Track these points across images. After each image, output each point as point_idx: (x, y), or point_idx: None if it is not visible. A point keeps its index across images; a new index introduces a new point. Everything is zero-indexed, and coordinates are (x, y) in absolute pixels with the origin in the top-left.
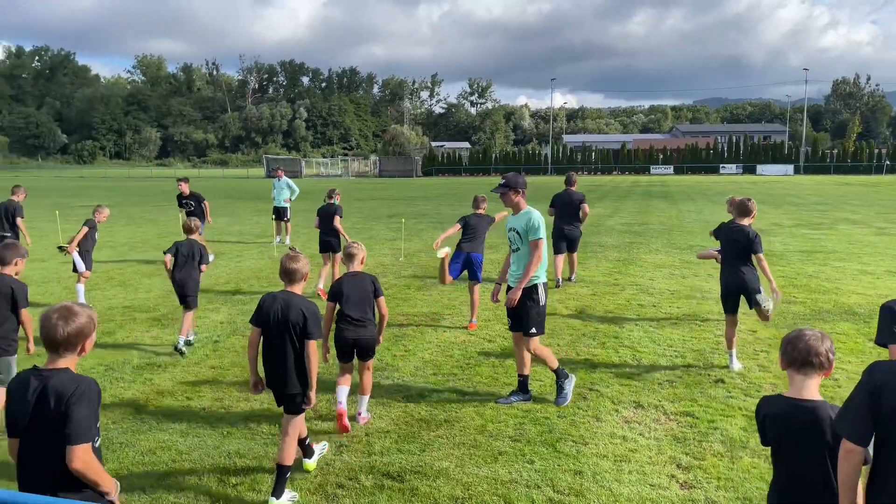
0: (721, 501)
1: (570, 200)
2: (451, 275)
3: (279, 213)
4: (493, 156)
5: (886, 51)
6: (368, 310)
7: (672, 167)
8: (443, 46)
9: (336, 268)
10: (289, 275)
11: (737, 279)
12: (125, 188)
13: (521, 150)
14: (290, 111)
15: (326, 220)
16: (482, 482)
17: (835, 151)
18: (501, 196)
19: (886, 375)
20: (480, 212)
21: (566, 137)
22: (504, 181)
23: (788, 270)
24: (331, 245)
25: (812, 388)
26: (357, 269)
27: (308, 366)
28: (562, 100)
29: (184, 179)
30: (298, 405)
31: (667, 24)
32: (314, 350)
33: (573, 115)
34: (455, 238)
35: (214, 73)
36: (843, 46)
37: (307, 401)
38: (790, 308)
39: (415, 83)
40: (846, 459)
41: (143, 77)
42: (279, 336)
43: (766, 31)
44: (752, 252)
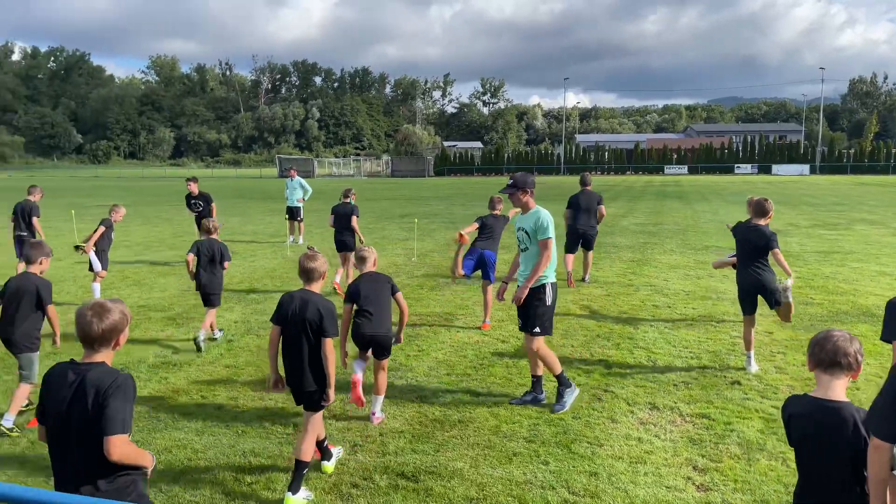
0: None
1: (590, 200)
2: (464, 270)
3: (292, 213)
4: (506, 155)
5: None
6: (386, 307)
7: (686, 167)
8: (455, 46)
9: (350, 270)
10: (307, 274)
11: (754, 279)
12: (139, 188)
13: (534, 150)
14: (303, 111)
15: (342, 220)
16: (497, 483)
17: (851, 151)
18: (510, 196)
19: None
20: (497, 212)
21: (579, 137)
22: (512, 181)
23: (805, 271)
24: (346, 244)
25: (838, 389)
26: (371, 270)
27: (325, 364)
28: (574, 99)
29: (193, 179)
30: (317, 402)
31: (681, 23)
32: (331, 348)
33: (586, 115)
34: (475, 235)
35: (228, 74)
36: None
37: (326, 398)
38: (807, 309)
39: (427, 83)
40: (874, 455)
41: (157, 77)
42: (296, 334)
43: (782, 30)
44: (769, 248)
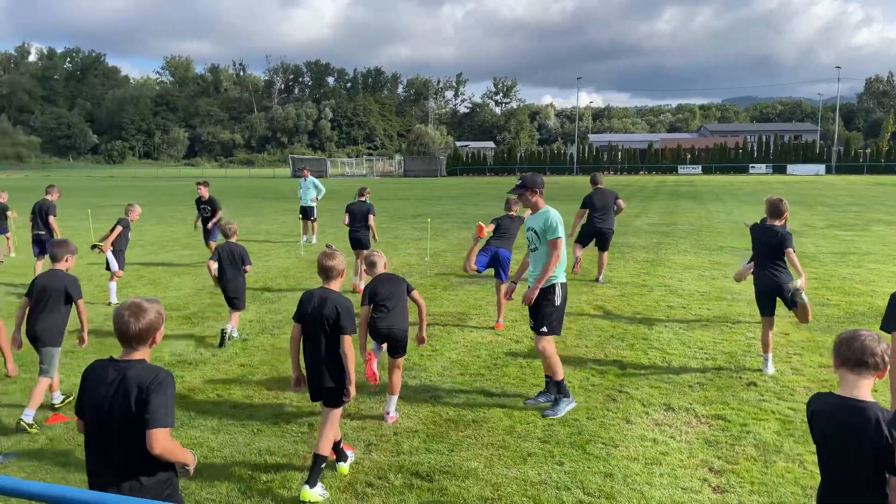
0: None
1: (605, 198)
2: (477, 265)
3: (306, 213)
4: (518, 155)
5: None
6: (403, 305)
7: (700, 167)
8: (467, 46)
9: (362, 272)
10: (326, 272)
11: (770, 280)
12: (154, 188)
13: (547, 150)
14: (316, 111)
15: (358, 218)
16: (511, 483)
17: (868, 151)
18: (519, 196)
19: None
20: (513, 213)
21: (592, 137)
22: (521, 181)
23: (822, 272)
24: (361, 242)
25: (864, 389)
26: (384, 272)
27: (344, 361)
28: (587, 99)
29: (203, 183)
30: (336, 399)
31: (695, 22)
32: (349, 345)
33: (599, 115)
34: (490, 235)
35: (241, 74)
36: (877, 44)
37: (346, 394)
38: (824, 311)
39: (439, 83)
40: None
41: (172, 78)
42: (315, 331)
43: (798, 29)
44: (783, 248)
